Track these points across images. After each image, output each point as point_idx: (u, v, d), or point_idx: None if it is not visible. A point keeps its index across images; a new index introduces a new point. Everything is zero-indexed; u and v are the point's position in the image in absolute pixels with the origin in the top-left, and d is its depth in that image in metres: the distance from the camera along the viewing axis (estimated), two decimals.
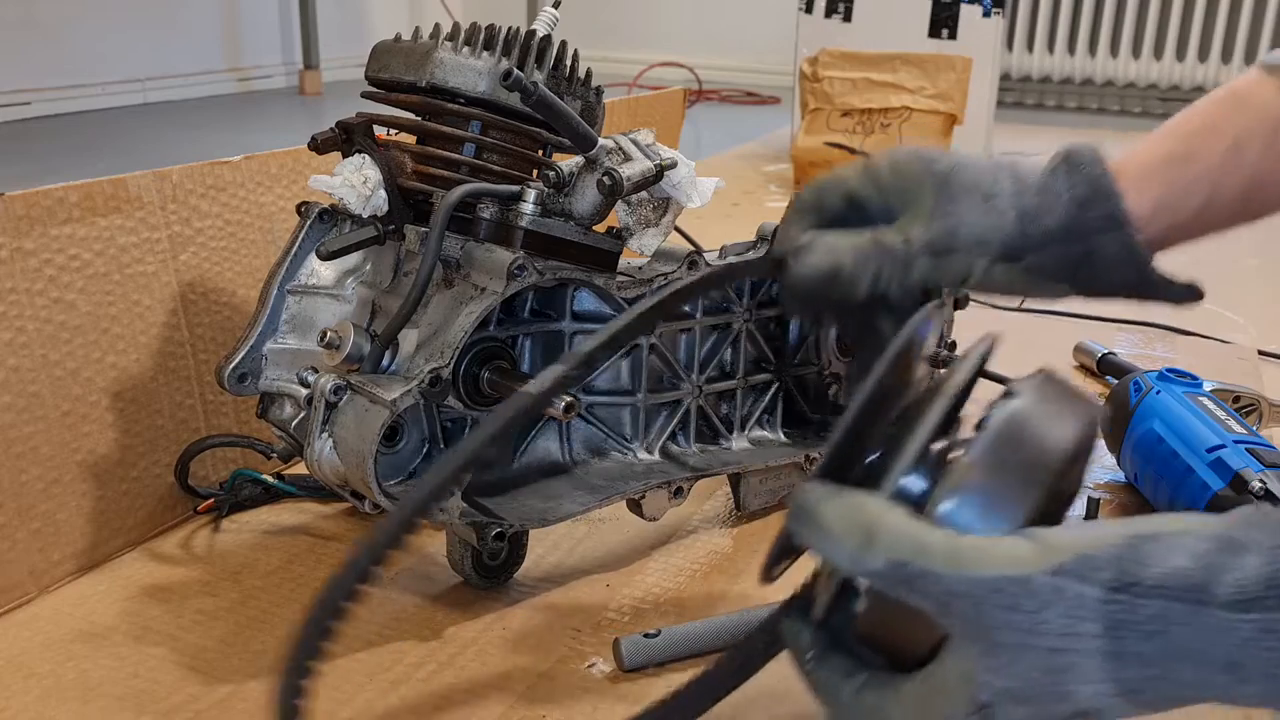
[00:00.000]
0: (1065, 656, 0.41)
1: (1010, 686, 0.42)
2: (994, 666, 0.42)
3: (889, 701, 0.45)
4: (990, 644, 0.42)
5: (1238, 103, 0.63)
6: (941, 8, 2.52)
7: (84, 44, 3.25)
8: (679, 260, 0.81)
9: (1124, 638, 0.40)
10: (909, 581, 0.42)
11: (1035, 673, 0.41)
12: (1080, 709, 0.42)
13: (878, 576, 0.43)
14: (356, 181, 0.74)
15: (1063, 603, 0.41)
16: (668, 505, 0.83)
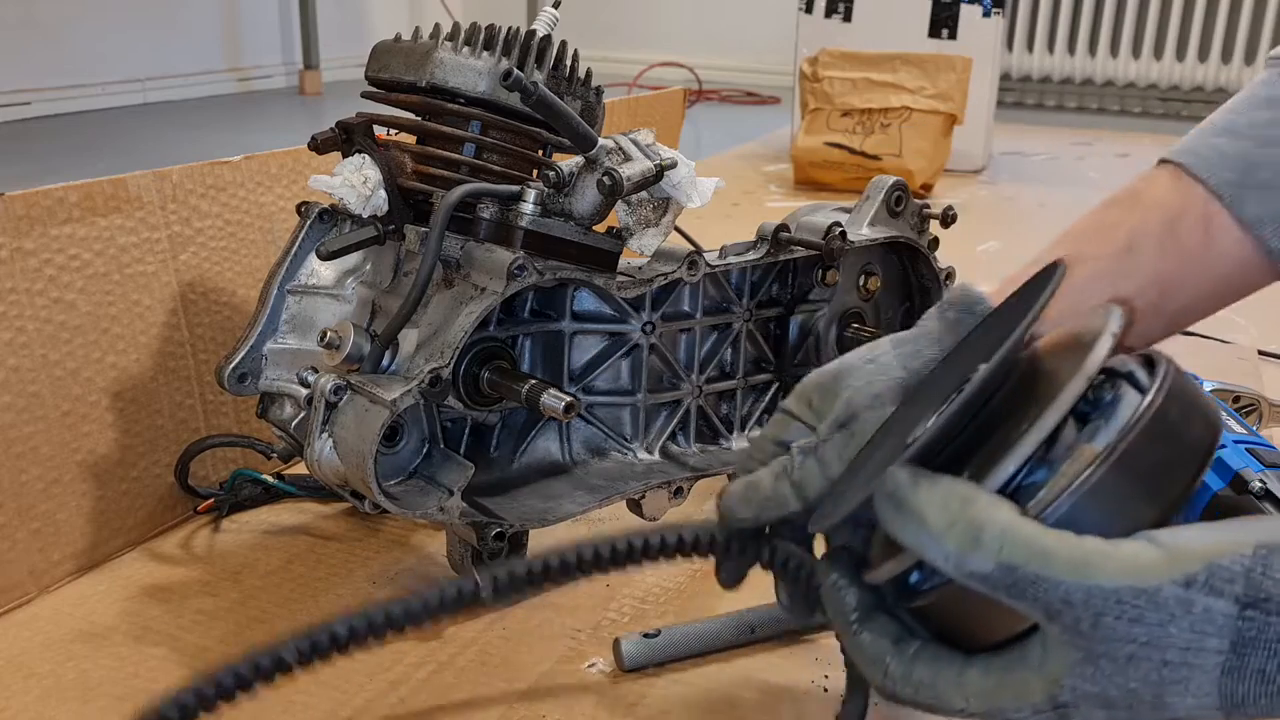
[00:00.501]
0: (1179, 671, 0.39)
1: (1104, 693, 0.40)
2: (1090, 671, 0.40)
3: (945, 680, 0.43)
4: (1096, 653, 0.39)
5: (1133, 200, 0.61)
6: (941, 8, 2.52)
7: (84, 44, 3.25)
8: (679, 260, 0.81)
9: (1249, 655, 0.39)
10: (1018, 588, 0.39)
11: (1139, 684, 0.39)
12: (1174, 717, 0.40)
13: (981, 580, 0.39)
14: (356, 181, 0.74)
15: (1189, 617, 0.39)
16: (668, 505, 0.83)
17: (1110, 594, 0.38)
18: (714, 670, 0.71)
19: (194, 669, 0.70)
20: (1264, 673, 0.38)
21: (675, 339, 0.86)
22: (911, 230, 0.94)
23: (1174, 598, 0.38)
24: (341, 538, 0.87)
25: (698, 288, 0.85)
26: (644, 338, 0.83)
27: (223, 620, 0.76)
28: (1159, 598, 0.38)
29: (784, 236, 0.86)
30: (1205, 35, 3.67)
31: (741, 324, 0.89)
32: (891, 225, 0.93)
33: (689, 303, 0.86)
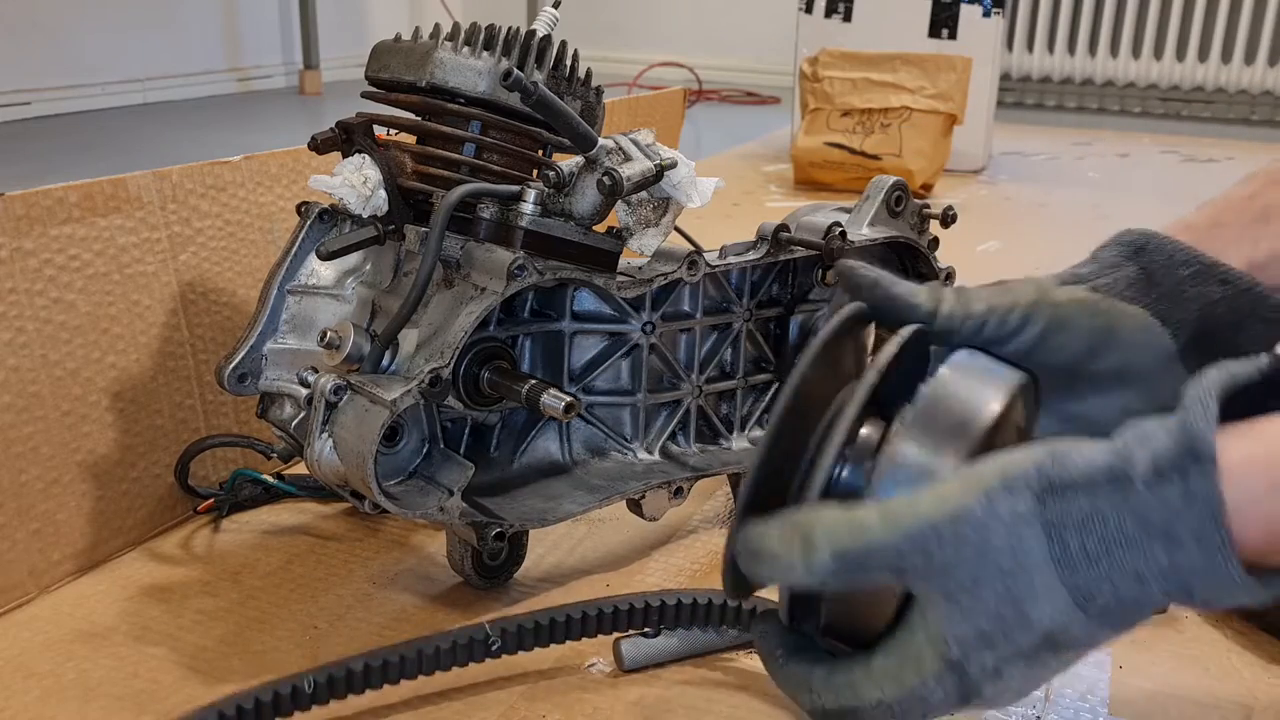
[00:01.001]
0: (1019, 578, 0.42)
1: (976, 629, 0.43)
2: (956, 613, 0.43)
3: (859, 678, 0.46)
4: (948, 590, 0.43)
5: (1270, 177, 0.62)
6: (941, 8, 2.52)
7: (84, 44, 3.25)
8: (679, 260, 0.81)
9: (1066, 539, 0.42)
10: (860, 564, 0.43)
11: (995, 603, 0.42)
12: (1046, 632, 0.43)
13: (832, 575, 0.43)
14: (356, 181, 0.74)
15: (1001, 522, 0.42)
16: (668, 505, 0.83)
17: (930, 531, 0.42)
18: (714, 670, 0.71)
19: (194, 669, 0.70)
20: (1086, 551, 0.42)
21: (675, 339, 0.86)
22: (911, 230, 0.94)
23: (980, 510, 0.42)
24: (341, 538, 0.87)
25: (698, 288, 0.85)
26: (644, 338, 0.83)
27: (223, 620, 0.76)
28: (968, 516, 0.42)
29: (784, 236, 0.86)
30: (1205, 35, 3.66)
31: (741, 324, 0.89)
32: (891, 225, 0.93)
33: (689, 303, 0.86)
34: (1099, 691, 0.69)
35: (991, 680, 0.44)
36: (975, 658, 0.43)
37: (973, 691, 0.44)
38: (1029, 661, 0.44)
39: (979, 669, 0.44)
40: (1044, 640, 0.43)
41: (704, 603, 0.68)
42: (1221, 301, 0.55)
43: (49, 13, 3.15)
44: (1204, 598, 0.42)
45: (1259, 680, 0.71)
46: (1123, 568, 0.42)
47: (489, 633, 0.66)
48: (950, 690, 0.44)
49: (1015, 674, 0.44)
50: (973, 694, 0.44)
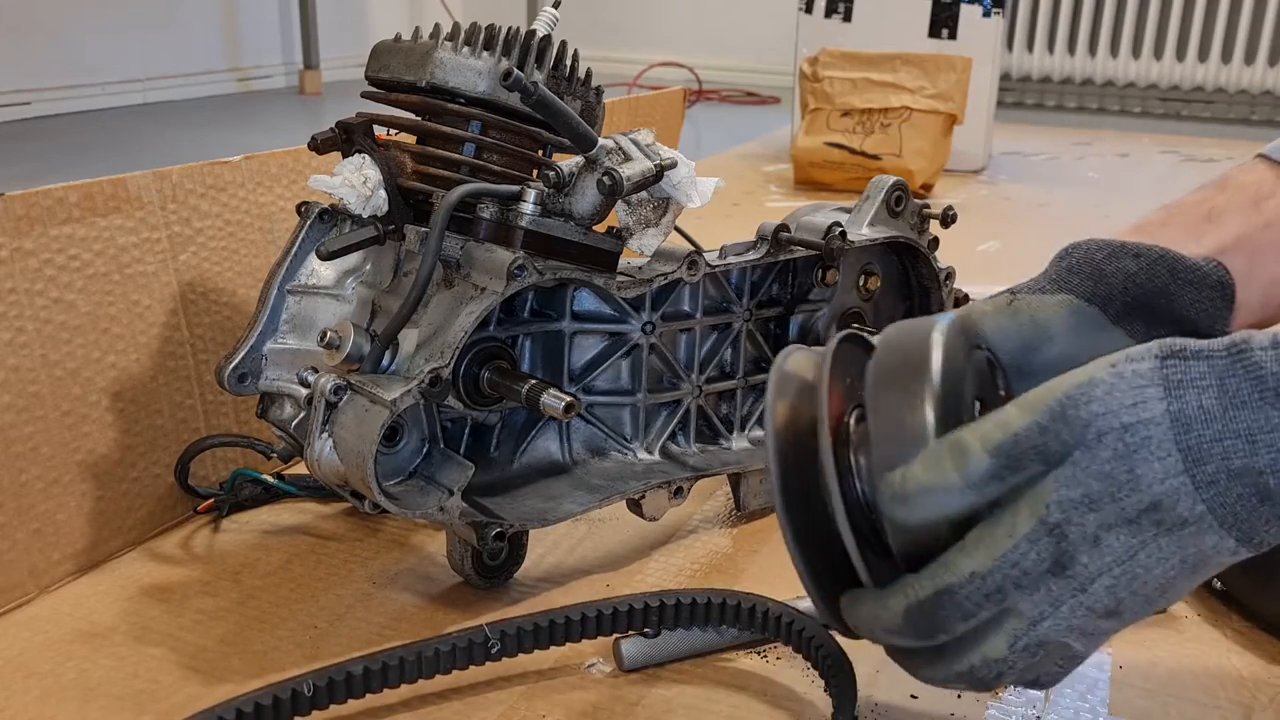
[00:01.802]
0: (1137, 432, 0.44)
1: (1084, 491, 0.44)
2: (1066, 475, 0.44)
3: (953, 555, 0.46)
4: (1069, 447, 0.44)
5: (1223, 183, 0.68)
6: (941, 8, 2.52)
7: (84, 44, 3.25)
8: (679, 260, 0.82)
9: (1184, 396, 0.44)
10: (1013, 456, 0.45)
11: (1109, 461, 0.44)
12: (1154, 498, 0.44)
13: (993, 476, 0.45)
14: (356, 181, 0.74)
15: (1124, 380, 0.45)
16: (668, 505, 0.83)
17: (1066, 400, 0.45)
18: (714, 670, 0.71)
19: (194, 669, 0.70)
20: (1204, 408, 0.43)
21: (675, 339, 0.86)
22: (911, 230, 0.94)
23: (1108, 374, 0.45)
24: (341, 538, 0.87)
25: (698, 288, 0.85)
26: (644, 338, 0.83)
27: (223, 620, 0.76)
28: (1098, 380, 0.45)
29: (784, 236, 0.86)
30: (1205, 35, 3.66)
31: (741, 324, 0.89)
32: (891, 225, 0.93)
33: (689, 303, 0.86)
34: (1099, 691, 0.69)
35: (1089, 547, 0.44)
36: (1077, 519, 0.44)
37: (1068, 558, 0.45)
38: (1131, 529, 0.44)
39: (1079, 532, 0.44)
40: (1150, 506, 0.44)
41: (704, 603, 0.69)
42: (1140, 272, 0.60)
43: (49, 13, 3.15)
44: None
45: (1259, 680, 0.71)
46: (1235, 428, 0.43)
47: (488, 635, 0.66)
48: (1045, 554, 0.45)
49: (1115, 544, 0.44)
50: (1068, 561, 0.45)
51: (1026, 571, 0.45)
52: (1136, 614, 0.47)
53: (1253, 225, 0.65)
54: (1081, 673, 0.71)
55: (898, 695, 0.68)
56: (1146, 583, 0.45)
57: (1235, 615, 0.78)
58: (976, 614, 0.46)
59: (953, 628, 0.47)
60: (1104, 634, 0.48)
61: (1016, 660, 0.47)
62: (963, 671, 0.48)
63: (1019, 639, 0.46)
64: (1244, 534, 0.44)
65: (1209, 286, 0.60)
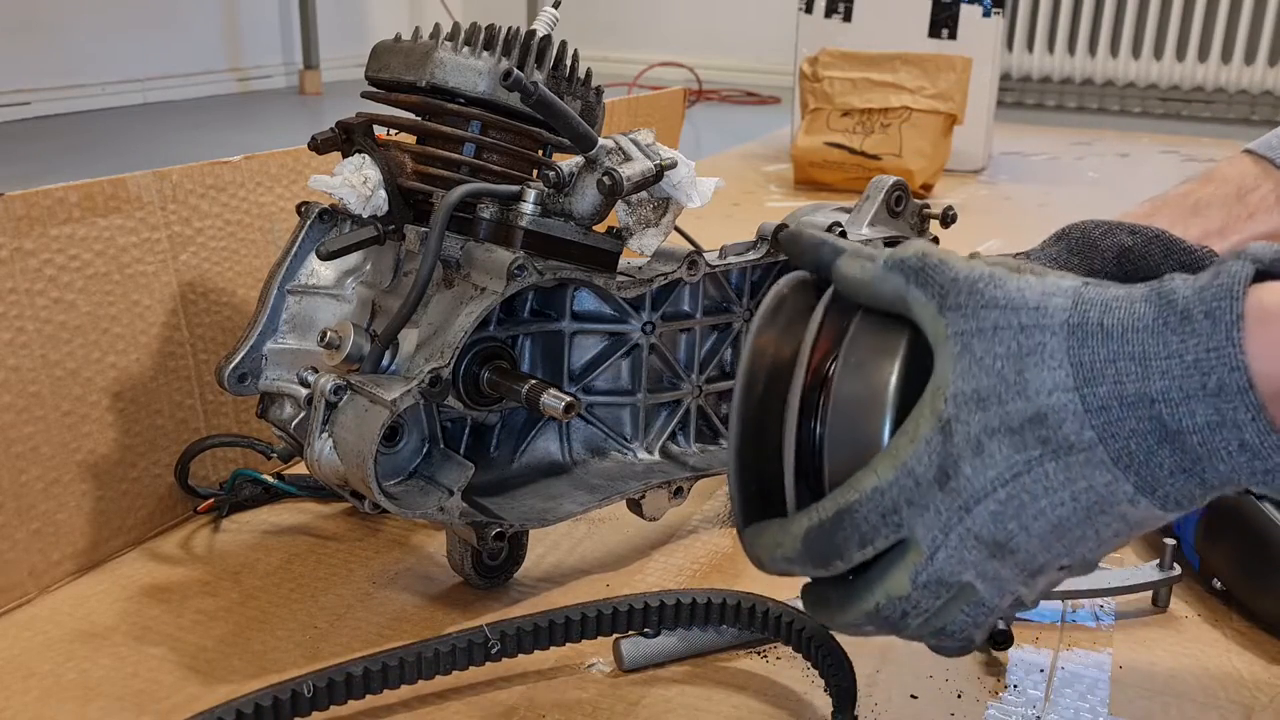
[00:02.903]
0: (1033, 335, 0.42)
1: (975, 386, 0.43)
2: (965, 363, 0.43)
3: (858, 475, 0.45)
4: (969, 332, 0.44)
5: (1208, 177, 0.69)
6: (941, 8, 2.52)
7: (84, 44, 3.25)
8: (679, 260, 0.82)
9: (1087, 312, 0.42)
10: (926, 271, 0.45)
11: (1002, 357, 0.42)
12: (1039, 410, 0.42)
13: (902, 267, 0.46)
14: (356, 181, 0.74)
15: (1039, 284, 0.44)
16: (668, 505, 0.83)
17: (983, 274, 0.45)
18: (714, 670, 0.71)
19: (194, 669, 0.70)
20: (1104, 326, 0.42)
21: (675, 339, 0.86)
22: (911, 230, 0.94)
23: (1030, 276, 0.45)
24: (341, 538, 0.87)
25: (698, 288, 0.85)
26: (644, 337, 0.83)
27: (223, 620, 0.76)
28: (1010, 276, 0.45)
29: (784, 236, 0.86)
30: (1205, 35, 3.67)
31: (741, 324, 0.89)
32: (891, 225, 0.93)
33: (689, 303, 0.86)
34: (1099, 691, 0.69)
35: (972, 454, 0.42)
36: (964, 416, 0.42)
37: (952, 464, 0.43)
38: (1014, 441, 0.42)
39: (963, 433, 0.42)
40: (1034, 418, 0.42)
41: (704, 603, 0.69)
42: (1134, 248, 0.61)
43: (49, 13, 3.15)
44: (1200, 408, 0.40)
45: (1259, 680, 0.71)
46: (1130, 350, 0.41)
47: (488, 635, 0.66)
48: (932, 460, 0.43)
49: (998, 454, 0.42)
50: (952, 469, 0.43)
51: (918, 481, 0.43)
52: (1035, 559, 0.44)
53: (1236, 216, 0.66)
54: (1081, 673, 0.71)
55: (898, 695, 0.68)
56: (1036, 517, 0.42)
57: (1235, 615, 0.78)
58: (874, 538, 0.44)
59: (849, 553, 0.45)
60: (1008, 582, 0.44)
61: (920, 599, 0.44)
62: (869, 610, 0.46)
63: (919, 572, 0.44)
64: (1143, 480, 0.41)
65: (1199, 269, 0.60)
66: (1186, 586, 0.81)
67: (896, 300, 0.47)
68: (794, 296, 0.53)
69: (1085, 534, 0.43)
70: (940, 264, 0.46)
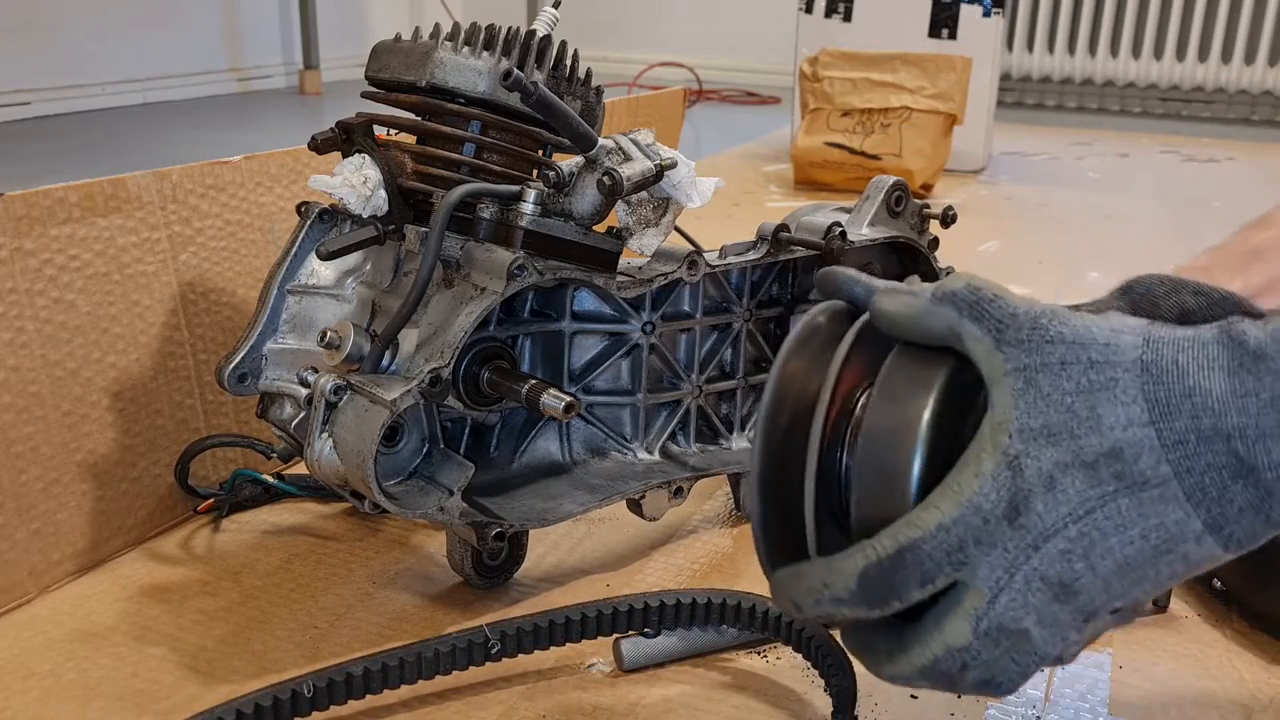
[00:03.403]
0: (1104, 371, 0.42)
1: (1044, 421, 0.42)
2: (1029, 398, 0.43)
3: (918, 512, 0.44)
4: (1033, 368, 0.43)
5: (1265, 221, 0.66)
6: (941, 8, 2.52)
7: (84, 44, 3.25)
8: (679, 260, 0.82)
9: (1160, 349, 0.42)
10: (980, 305, 0.45)
11: (1072, 394, 0.42)
12: (1114, 445, 0.41)
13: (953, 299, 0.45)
14: (356, 181, 0.74)
15: (1106, 323, 0.44)
16: (668, 505, 0.83)
17: (1044, 310, 0.44)
18: (714, 670, 0.71)
19: (194, 669, 0.70)
20: (1178, 364, 0.42)
21: (675, 339, 0.86)
22: (911, 230, 0.94)
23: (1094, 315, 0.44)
24: (341, 538, 0.87)
25: (698, 288, 0.85)
26: (644, 338, 0.83)
27: (223, 620, 0.76)
28: (1077, 316, 0.44)
29: (784, 236, 0.86)
30: (1205, 35, 3.67)
31: (741, 324, 0.89)
32: (891, 225, 0.93)
33: (689, 303, 0.86)
34: (1099, 691, 0.69)
35: (1044, 490, 0.42)
36: (1034, 451, 0.42)
37: (1023, 500, 0.42)
38: (1089, 476, 0.41)
39: (1034, 469, 0.42)
40: (1110, 452, 0.41)
41: (704, 603, 0.69)
42: (1198, 310, 0.58)
43: (49, 13, 3.15)
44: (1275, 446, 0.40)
45: (1259, 680, 0.71)
46: (1206, 386, 0.41)
47: (488, 635, 0.66)
48: (1003, 492, 0.42)
49: (1071, 490, 0.42)
50: (1022, 505, 0.42)
51: (986, 518, 0.42)
52: (1094, 600, 0.43)
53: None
54: (1081, 672, 0.71)
55: (898, 695, 0.68)
56: (1104, 556, 0.42)
57: (1235, 615, 0.78)
58: (936, 576, 0.43)
59: (909, 593, 0.44)
60: (1062, 626, 0.44)
61: (981, 649, 0.44)
62: (925, 665, 0.45)
63: (980, 620, 0.43)
64: (1213, 517, 0.41)
65: None
66: (1186, 586, 0.81)
67: (947, 334, 0.46)
68: (828, 325, 0.52)
69: (1147, 574, 0.43)
70: (995, 298, 0.45)
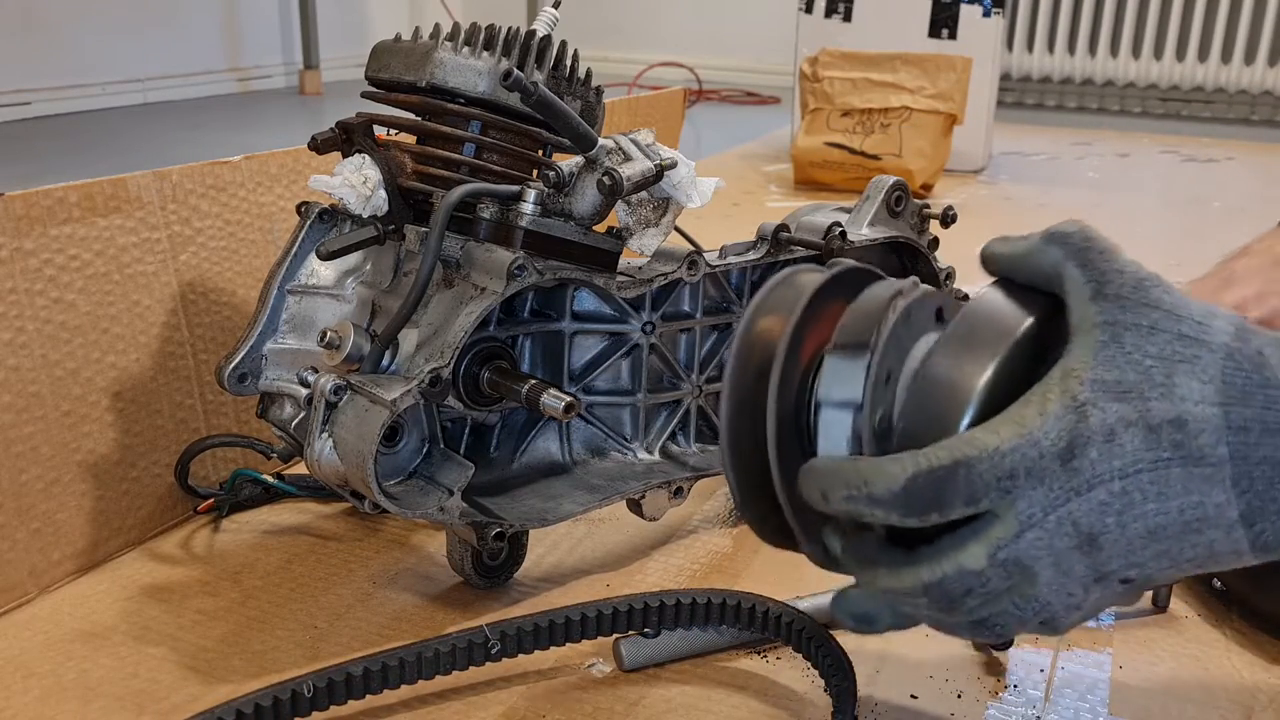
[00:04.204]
0: (1189, 346, 0.43)
1: (1121, 377, 0.43)
2: (1113, 356, 0.43)
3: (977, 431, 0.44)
4: (1125, 324, 0.44)
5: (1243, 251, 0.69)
6: (941, 8, 2.52)
7: (84, 44, 3.25)
8: (679, 260, 0.82)
9: (1249, 339, 0.43)
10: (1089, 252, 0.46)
11: (1154, 360, 0.43)
12: (1180, 414, 0.42)
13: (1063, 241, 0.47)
14: (356, 181, 0.74)
15: (1203, 308, 0.44)
16: (668, 505, 0.83)
17: (1149, 275, 0.45)
18: (714, 670, 0.71)
19: (194, 669, 0.70)
20: (1263, 355, 0.42)
21: (675, 339, 0.86)
22: (911, 230, 0.94)
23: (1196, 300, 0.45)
24: (341, 538, 0.87)
25: (698, 288, 0.85)
26: (644, 338, 0.83)
27: (223, 620, 0.76)
28: (1176, 290, 0.45)
29: (784, 236, 0.86)
30: (1205, 35, 3.67)
31: None
32: (891, 225, 0.93)
33: (689, 303, 0.86)
34: (1099, 691, 0.69)
35: (1102, 440, 0.42)
36: (1102, 403, 0.42)
37: (1080, 445, 0.42)
38: (1149, 438, 0.42)
39: (1099, 419, 0.42)
40: (1175, 421, 0.42)
41: (704, 603, 0.69)
42: None
43: (49, 13, 3.15)
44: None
45: (1259, 680, 0.71)
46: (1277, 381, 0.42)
47: (488, 635, 0.66)
48: (1063, 434, 0.42)
49: (1127, 447, 0.42)
50: (1079, 449, 0.42)
51: (1042, 454, 0.43)
52: (1112, 561, 0.44)
53: (1272, 280, 0.65)
54: (1081, 673, 0.71)
55: (897, 695, 0.68)
56: (1137, 519, 0.43)
57: (1235, 615, 0.78)
58: (981, 497, 0.43)
59: (952, 507, 0.44)
60: (1073, 579, 0.44)
61: (991, 577, 0.44)
62: (931, 582, 0.45)
63: (1000, 548, 0.44)
64: (1251, 510, 0.42)
65: None
66: (1186, 586, 0.81)
67: (1050, 275, 0.47)
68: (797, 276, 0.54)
69: (1170, 549, 0.44)
70: (1106, 251, 0.46)
